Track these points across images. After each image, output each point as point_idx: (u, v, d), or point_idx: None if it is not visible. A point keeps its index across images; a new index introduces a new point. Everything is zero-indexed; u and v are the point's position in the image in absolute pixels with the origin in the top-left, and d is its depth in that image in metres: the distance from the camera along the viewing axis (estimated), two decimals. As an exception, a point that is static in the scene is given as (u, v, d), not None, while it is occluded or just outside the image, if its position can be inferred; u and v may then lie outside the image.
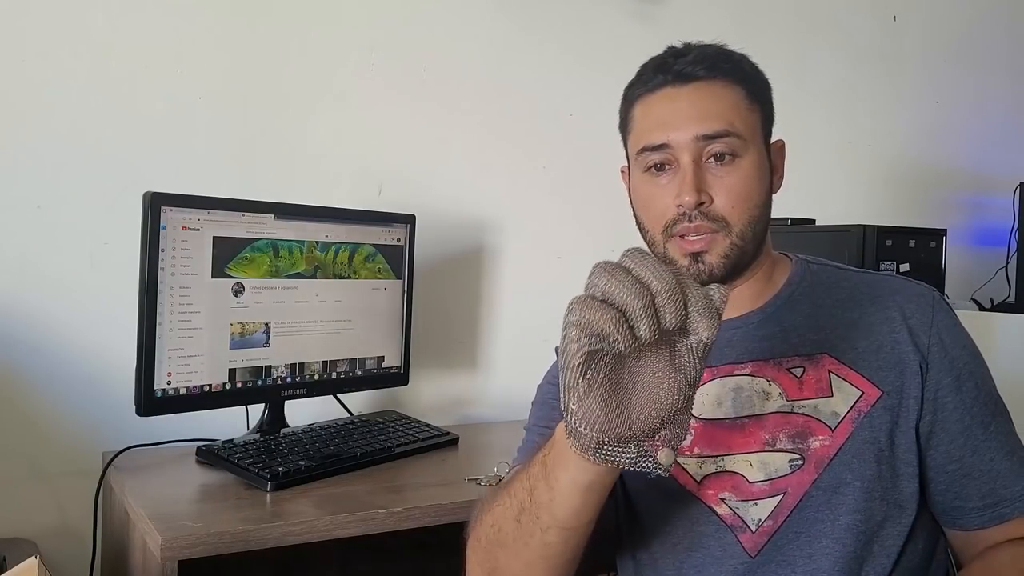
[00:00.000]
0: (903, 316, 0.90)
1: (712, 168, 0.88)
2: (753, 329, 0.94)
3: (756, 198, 0.89)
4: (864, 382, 0.89)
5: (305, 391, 1.44)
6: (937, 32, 2.52)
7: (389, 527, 1.15)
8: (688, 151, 0.87)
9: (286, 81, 1.62)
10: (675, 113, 0.88)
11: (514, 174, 1.87)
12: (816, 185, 2.25)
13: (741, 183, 0.88)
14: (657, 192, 0.90)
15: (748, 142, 0.88)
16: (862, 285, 0.95)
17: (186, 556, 1.02)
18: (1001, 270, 2.43)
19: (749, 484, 0.88)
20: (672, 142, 0.88)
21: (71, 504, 1.44)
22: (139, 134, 1.49)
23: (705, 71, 0.88)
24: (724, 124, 0.87)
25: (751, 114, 0.90)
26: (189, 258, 1.27)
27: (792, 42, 2.24)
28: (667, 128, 0.88)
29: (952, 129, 2.57)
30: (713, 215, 0.87)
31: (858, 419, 0.87)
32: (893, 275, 0.98)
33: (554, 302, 2.02)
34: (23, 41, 1.41)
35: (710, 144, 0.87)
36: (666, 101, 0.89)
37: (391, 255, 1.55)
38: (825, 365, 0.90)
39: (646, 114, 0.91)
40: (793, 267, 0.98)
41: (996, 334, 1.82)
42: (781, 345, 0.92)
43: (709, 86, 0.88)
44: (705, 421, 0.91)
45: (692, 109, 0.88)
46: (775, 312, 0.94)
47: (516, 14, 1.85)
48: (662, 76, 0.89)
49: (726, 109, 0.88)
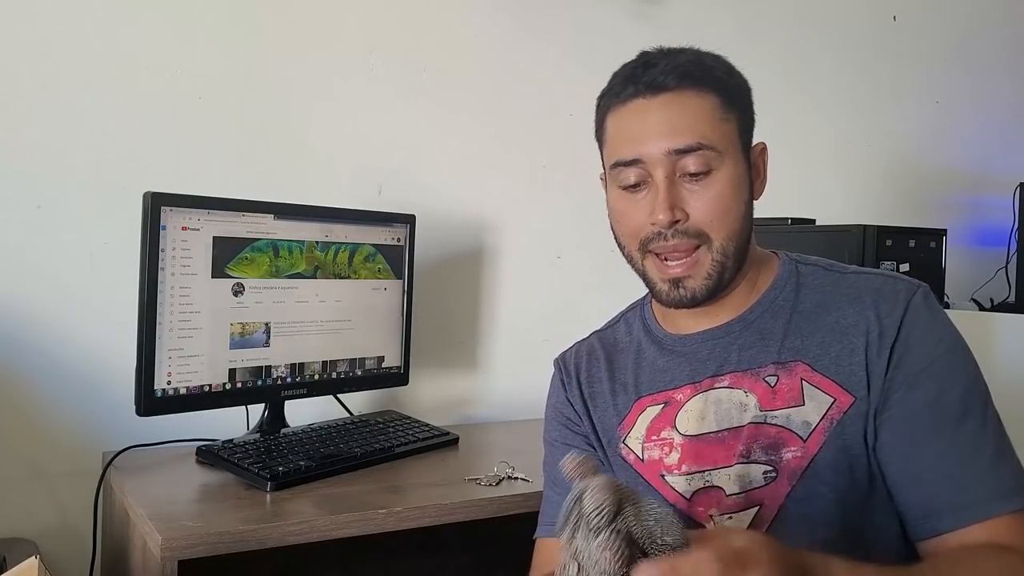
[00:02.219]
0: (877, 316, 0.86)
1: (687, 184, 0.86)
2: (734, 339, 0.92)
3: (735, 211, 0.87)
4: (836, 389, 0.85)
5: (305, 391, 1.44)
6: (937, 32, 2.52)
7: (389, 527, 1.15)
8: (661, 166, 0.85)
9: (286, 81, 1.62)
10: (645, 127, 0.86)
11: (514, 174, 1.87)
12: (816, 185, 2.25)
13: (717, 198, 0.86)
14: (631, 208, 0.89)
15: (723, 153, 0.86)
16: (846, 286, 0.91)
17: (186, 556, 1.02)
18: (1001, 270, 2.43)
19: (726, 497, 0.87)
20: (644, 157, 0.86)
21: (71, 504, 1.44)
22: (139, 134, 1.49)
23: (675, 81, 0.86)
24: (696, 137, 0.85)
25: (725, 123, 0.87)
26: (189, 258, 1.27)
27: (792, 42, 2.24)
28: (638, 143, 0.87)
29: (952, 129, 2.57)
30: (691, 231, 0.86)
31: (830, 428, 0.84)
32: (884, 273, 0.93)
33: (554, 302, 2.03)
34: (23, 41, 1.41)
35: (683, 159, 0.85)
36: (637, 114, 0.87)
37: (391, 255, 1.55)
38: (798, 373, 0.87)
39: (617, 128, 0.90)
40: (779, 269, 0.95)
41: (996, 334, 1.82)
42: (759, 354, 0.90)
43: (680, 97, 0.86)
44: (691, 437, 0.90)
45: (662, 124, 0.85)
46: (755, 320, 0.92)
47: (516, 14, 1.85)
48: (633, 87, 0.87)
49: (698, 121, 0.85)
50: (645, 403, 0.95)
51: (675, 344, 0.95)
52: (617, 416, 0.97)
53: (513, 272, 1.88)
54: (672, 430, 0.91)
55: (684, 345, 0.94)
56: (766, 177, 0.94)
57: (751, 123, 0.92)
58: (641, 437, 0.93)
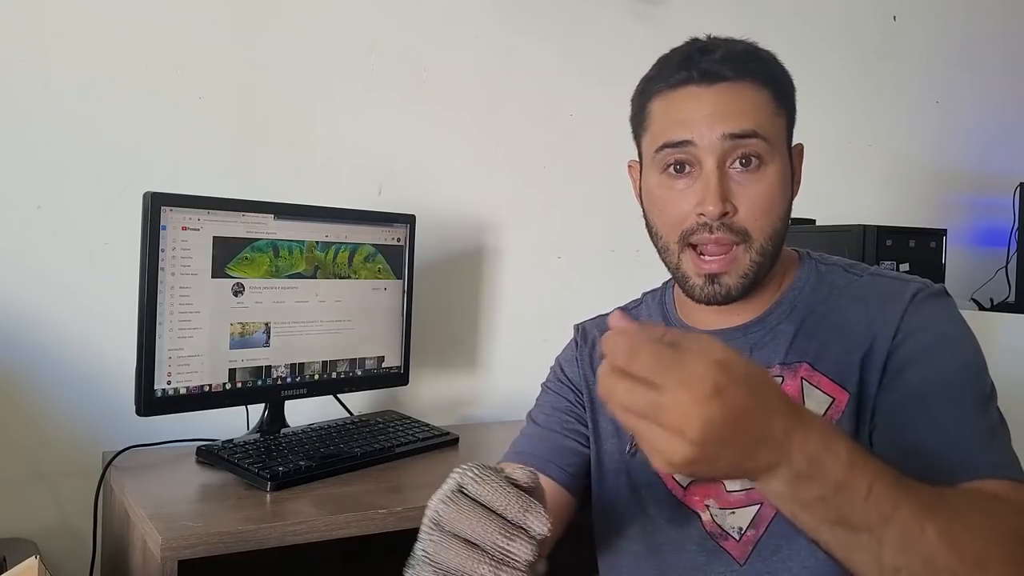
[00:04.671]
0: (882, 315, 0.85)
1: (736, 175, 0.83)
2: (748, 339, 0.91)
3: (779, 209, 0.85)
4: (835, 387, 0.85)
5: (305, 391, 1.44)
6: (937, 32, 2.52)
7: (389, 527, 1.15)
8: (713, 153, 0.82)
9: (286, 81, 1.62)
10: (700, 111, 0.83)
11: (514, 174, 1.87)
12: (816, 185, 2.22)
13: (766, 193, 0.84)
14: (674, 197, 0.86)
15: (774, 148, 0.84)
16: (859, 288, 0.90)
17: (186, 556, 1.02)
18: (1001, 270, 2.43)
19: (727, 493, 0.87)
20: (696, 140, 0.83)
21: (71, 504, 1.44)
22: (139, 134, 1.49)
23: (732, 71, 0.83)
24: (753, 124, 0.82)
25: (778, 119, 0.86)
26: (189, 258, 1.27)
27: (792, 42, 2.22)
28: (691, 126, 0.83)
29: (952, 129, 2.57)
30: (735, 227, 0.83)
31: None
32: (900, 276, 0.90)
33: (554, 302, 2.03)
34: (23, 41, 1.41)
35: (737, 146, 0.82)
36: (690, 100, 0.84)
37: (391, 255, 1.55)
38: (800, 373, 0.87)
39: (667, 111, 0.86)
40: (800, 269, 0.94)
41: (996, 334, 1.82)
42: (769, 355, 0.89)
43: (737, 87, 0.83)
44: None
45: (718, 108, 0.82)
46: (772, 321, 0.91)
47: (516, 14, 1.85)
48: (686, 73, 0.84)
49: (755, 110, 0.83)
50: None
51: None
52: None
53: (513, 272, 1.88)
54: None
55: None
56: (800, 179, 0.93)
57: (794, 123, 0.91)
58: None
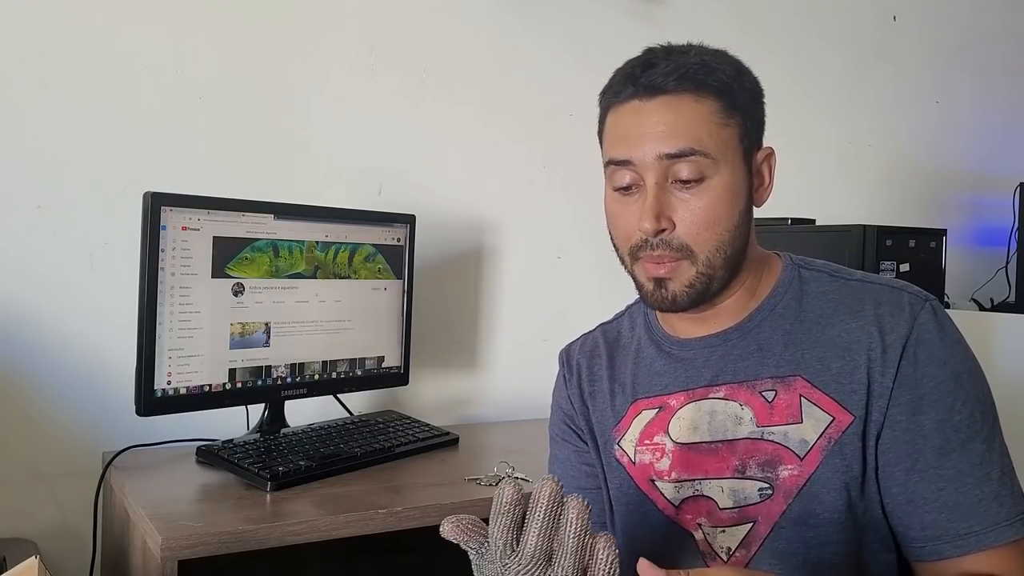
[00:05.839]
0: (880, 331, 0.84)
1: (677, 191, 0.84)
2: (731, 348, 0.90)
3: (725, 222, 0.85)
4: (836, 407, 0.84)
5: (305, 391, 1.44)
6: (937, 32, 2.52)
7: (389, 527, 1.15)
8: (652, 171, 0.83)
9: (286, 81, 1.62)
10: (640, 129, 0.84)
11: (514, 174, 1.87)
12: (816, 185, 2.25)
13: (707, 208, 0.83)
14: (623, 212, 0.87)
15: (719, 160, 0.84)
16: (849, 295, 0.88)
17: (186, 556, 1.02)
18: (1001, 270, 2.43)
19: (719, 511, 0.86)
20: (636, 160, 0.84)
21: (71, 504, 1.44)
22: (139, 134, 1.49)
23: (674, 84, 0.83)
24: (690, 142, 0.82)
25: (724, 129, 0.84)
26: (189, 258, 1.27)
27: (792, 42, 2.24)
28: (632, 145, 0.85)
29: (952, 129, 2.57)
30: (675, 243, 0.84)
31: (828, 447, 0.82)
32: (888, 281, 0.90)
33: (554, 302, 2.03)
34: (23, 41, 1.41)
35: (675, 164, 0.83)
36: (632, 114, 0.85)
37: (391, 255, 1.55)
38: (797, 389, 0.85)
39: (614, 125, 0.88)
40: (781, 274, 0.92)
41: (996, 334, 1.82)
42: (756, 366, 0.88)
43: (677, 100, 0.83)
44: (682, 445, 0.89)
45: (656, 126, 0.83)
46: (754, 329, 0.90)
47: (516, 14, 1.85)
48: (631, 87, 0.85)
49: (693, 125, 0.83)
50: (641, 406, 0.94)
51: (672, 348, 0.94)
52: (614, 417, 0.97)
53: (513, 272, 1.88)
54: (665, 435, 0.91)
55: (681, 350, 0.93)
56: (772, 183, 0.91)
57: (758, 127, 0.89)
58: (635, 440, 0.93)
